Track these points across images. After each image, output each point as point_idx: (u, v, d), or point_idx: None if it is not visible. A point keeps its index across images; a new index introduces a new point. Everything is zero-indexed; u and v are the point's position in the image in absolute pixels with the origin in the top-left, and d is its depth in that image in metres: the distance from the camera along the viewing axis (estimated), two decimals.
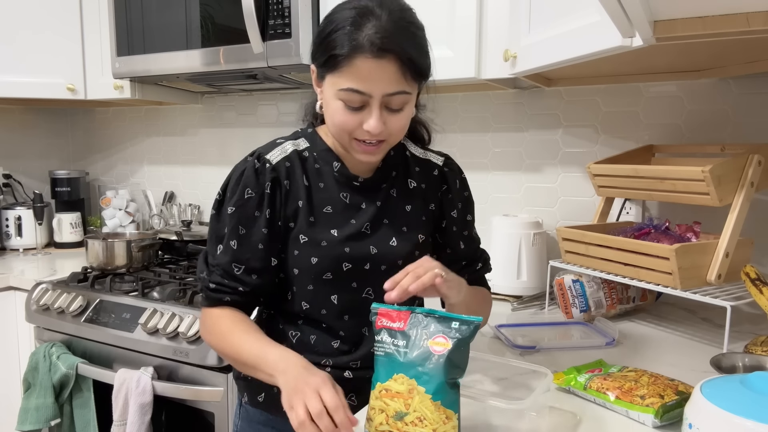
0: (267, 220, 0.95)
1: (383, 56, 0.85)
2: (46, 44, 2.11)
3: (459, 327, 0.75)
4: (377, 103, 0.88)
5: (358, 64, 0.85)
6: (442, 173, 1.08)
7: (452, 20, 1.47)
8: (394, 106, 0.90)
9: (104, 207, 2.50)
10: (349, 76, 0.86)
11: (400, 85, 0.88)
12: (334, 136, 0.96)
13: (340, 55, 0.86)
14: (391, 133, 0.92)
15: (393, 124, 0.91)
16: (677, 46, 1.07)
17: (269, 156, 0.98)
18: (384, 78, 0.86)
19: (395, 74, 0.86)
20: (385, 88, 0.87)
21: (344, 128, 0.91)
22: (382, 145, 0.93)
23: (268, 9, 1.62)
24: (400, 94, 0.88)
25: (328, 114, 0.94)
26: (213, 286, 0.97)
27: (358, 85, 0.86)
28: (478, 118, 1.85)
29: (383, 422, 0.75)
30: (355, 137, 0.92)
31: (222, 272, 0.96)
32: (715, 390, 0.71)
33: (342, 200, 1.00)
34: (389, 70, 0.86)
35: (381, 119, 0.89)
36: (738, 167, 1.19)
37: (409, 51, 0.87)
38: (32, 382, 1.67)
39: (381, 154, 0.96)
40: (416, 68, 0.88)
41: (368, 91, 0.87)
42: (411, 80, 0.89)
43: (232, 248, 0.96)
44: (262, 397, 1.03)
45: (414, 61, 0.88)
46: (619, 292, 1.42)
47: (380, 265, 1.00)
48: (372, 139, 0.91)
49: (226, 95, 2.35)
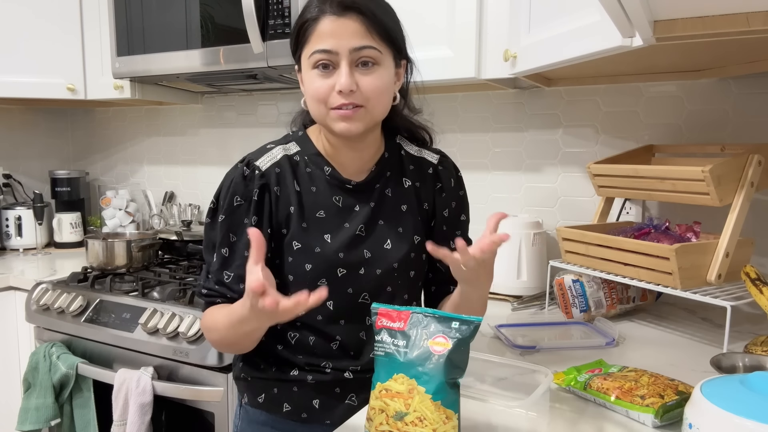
0: (254, 227, 0.94)
1: (345, 13, 0.89)
2: (46, 44, 2.11)
3: (459, 327, 0.75)
4: (345, 60, 0.89)
5: (322, 25, 0.89)
6: (437, 171, 1.07)
7: (452, 20, 1.47)
8: (364, 61, 0.90)
9: (104, 207, 2.50)
10: (316, 39, 0.90)
11: (365, 40, 0.89)
12: (315, 116, 0.96)
13: (306, 22, 0.90)
14: (366, 97, 0.91)
15: (365, 84, 0.90)
16: (677, 46, 1.07)
17: (258, 162, 0.97)
18: (347, 33, 0.89)
19: (359, 29, 0.89)
20: (350, 43, 0.89)
21: (318, 96, 0.91)
22: (359, 111, 0.91)
23: (268, 9, 1.62)
24: (366, 49, 0.90)
25: (307, 94, 0.95)
26: (205, 291, 0.98)
27: (323, 44, 0.89)
28: (478, 118, 1.85)
29: (383, 422, 0.75)
30: (331, 107, 0.91)
31: (215, 280, 0.96)
32: (715, 390, 0.71)
33: (335, 204, 0.99)
34: (353, 25, 0.89)
35: (351, 77, 0.89)
36: (738, 167, 1.19)
37: (371, 7, 0.90)
38: (32, 382, 1.67)
39: (360, 123, 0.92)
40: (381, 24, 0.90)
41: (334, 48, 0.89)
42: (378, 38, 0.90)
43: (224, 256, 0.96)
44: (262, 397, 1.02)
45: (377, 16, 0.90)
46: (619, 292, 1.42)
47: (375, 270, 0.99)
48: (347, 103, 0.90)
49: (226, 95, 2.35)
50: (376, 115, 0.95)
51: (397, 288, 1.02)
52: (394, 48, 0.94)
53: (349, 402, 1.01)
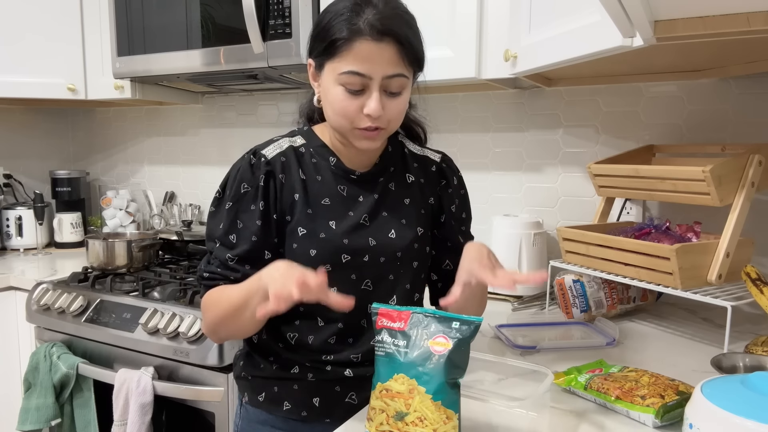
0: (261, 212, 0.96)
1: (383, 39, 0.87)
2: (47, 44, 2.11)
3: (459, 327, 0.76)
4: (377, 85, 0.89)
5: (358, 46, 0.88)
6: (440, 169, 1.09)
7: (452, 20, 1.47)
8: (392, 90, 0.91)
9: (105, 207, 2.51)
10: (349, 59, 0.88)
11: (398, 68, 0.90)
12: (334, 126, 0.97)
13: (339, 39, 0.88)
14: (389, 119, 0.93)
15: (391, 109, 0.92)
16: (677, 46, 1.07)
17: (264, 151, 0.99)
18: (383, 60, 0.88)
19: (394, 56, 0.89)
20: (385, 70, 0.89)
21: (345, 114, 0.92)
22: (381, 132, 0.94)
23: (269, 9, 1.62)
24: (398, 77, 0.90)
25: (327, 102, 0.94)
26: (207, 275, 0.98)
27: (358, 68, 0.88)
28: (478, 118, 1.85)
29: (384, 422, 0.75)
30: (355, 126, 0.92)
31: (218, 263, 0.97)
32: (715, 390, 0.71)
33: (339, 193, 1.00)
34: (388, 52, 0.88)
35: (380, 102, 0.90)
36: (738, 167, 1.19)
37: (407, 34, 0.90)
38: (33, 382, 1.68)
39: (380, 142, 0.96)
40: (414, 52, 0.91)
41: (368, 73, 0.88)
42: (408, 64, 0.91)
43: (231, 241, 0.96)
44: (262, 396, 1.03)
45: (412, 44, 0.91)
46: (619, 292, 1.42)
47: (379, 257, 1.00)
48: (372, 125, 0.92)
49: (227, 95, 2.35)
50: (393, 130, 0.98)
51: (400, 277, 1.03)
52: (420, 69, 0.96)
53: (350, 400, 1.01)
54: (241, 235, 0.96)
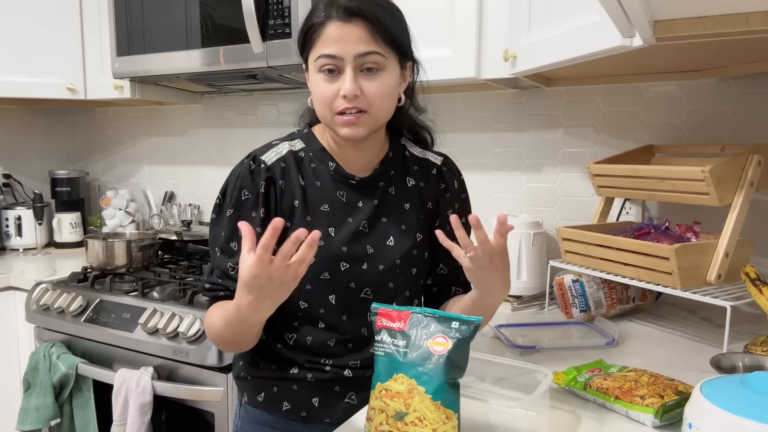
0: (261, 219, 0.96)
1: (351, 19, 0.90)
2: (47, 44, 2.11)
3: (459, 327, 0.75)
4: (350, 65, 0.90)
5: (328, 30, 0.90)
6: (441, 172, 1.08)
7: (452, 20, 1.47)
8: (368, 67, 0.91)
9: (104, 207, 2.50)
10: (322, 44, 0.91)
11: (369, 46, 0.90)
12: (321, 119, 0.97)
13: (314, 26, 0.92)
14: (370, 102, 0.92)
15: (369, 89, 0.92)
16: (677, 46, 1.07)
17: (264, 157, 0.99)
18: (353, 38, 0.90)
19: (364, 35, 0.90)
20: (355, 48, 0.90)
21: (324, 100, 0.92)
22: (363, 116, 0.93)
23: (268, 9, 1.62)
24: (371, 54, 0.91)
25: (313, 95, 0.96)
26: (208, 286, 0.98)
27: (329, 49, 0.90)
28: (478, 118, 1.85)
29: (383, 422, 0.75)
30: (335, 111, 0.92)
31: (220, 273, 0.97)
32: (715, 390, 0.71)
33: (338, 198, 1.00)
34: (357, 31, 0.90)
35: (355, 82, 0.90)
36: (738, 167, 1.19)
37: (377, 13, 0.91)
38: (32, 382, 1.67)
39: (363, 128, 0.94)
40: (387, 31, 0.91)
41: (339, 54, 0.90)
42: (382, 43, 0.91)
43: (232, 249, 0.96)
44: (262, 396, 1.03)
45: (383, 23, 0.91)
46: (619, 292, 1.42)
47: (378, 265, 1.00)
48: (351, 107, 0.91)
49: (226, 95, 2.35)
50: (380, 118, 0.96)
51: (399, 285, 1.03)
52: (399, 52, 0.95)
53: (349, 400, 1.01)
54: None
